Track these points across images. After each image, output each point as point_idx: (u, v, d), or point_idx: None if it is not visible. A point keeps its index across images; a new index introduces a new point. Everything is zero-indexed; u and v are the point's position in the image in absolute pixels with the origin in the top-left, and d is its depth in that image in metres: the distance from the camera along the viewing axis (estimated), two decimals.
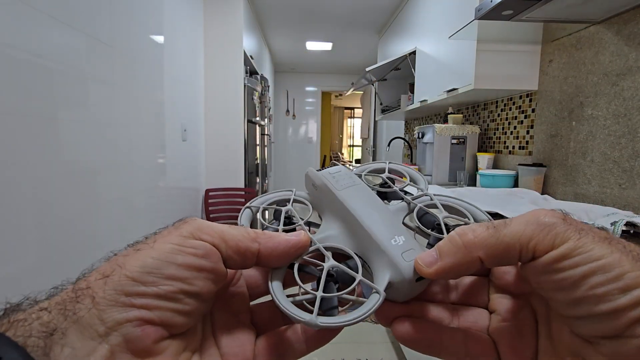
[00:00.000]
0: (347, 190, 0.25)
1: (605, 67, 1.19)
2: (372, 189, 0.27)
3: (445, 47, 1.85)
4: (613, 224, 0.85)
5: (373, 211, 0.24)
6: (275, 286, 0.20)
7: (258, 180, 3.12)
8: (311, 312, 0.19)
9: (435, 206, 0.26)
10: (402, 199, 0.27)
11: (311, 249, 0.22)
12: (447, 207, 0.26)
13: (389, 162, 0.31)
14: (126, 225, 1.41)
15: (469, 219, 0.24)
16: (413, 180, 0.30)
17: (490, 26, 1.40)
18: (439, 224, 0.23)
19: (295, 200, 0.28)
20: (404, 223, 0.25)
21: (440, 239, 0.21)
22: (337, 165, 0.29)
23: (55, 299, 0.15)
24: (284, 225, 0.25)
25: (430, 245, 0.22)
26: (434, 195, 0.27)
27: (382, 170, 0.31)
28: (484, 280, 0.22)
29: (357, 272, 0.21)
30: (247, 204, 0.26)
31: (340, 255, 0.23)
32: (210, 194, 2.56)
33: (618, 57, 1.14)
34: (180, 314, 0.16)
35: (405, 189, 0.28)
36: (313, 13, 3.25)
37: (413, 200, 0.27)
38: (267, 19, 3.47)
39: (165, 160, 1.84)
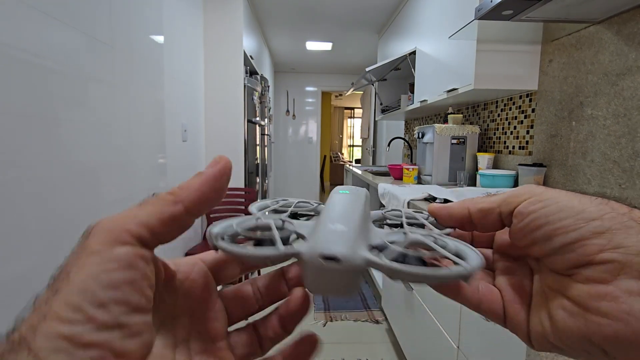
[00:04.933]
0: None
1: (605, 67, 1.19)
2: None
3: (445, 47, 1.85)
4: None
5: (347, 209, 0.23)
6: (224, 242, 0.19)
7: (258, 180, 3.12)
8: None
9: (417, 224, 0.25)
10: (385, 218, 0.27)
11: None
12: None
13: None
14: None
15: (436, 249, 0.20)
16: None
17: (490, 26, 1.40)
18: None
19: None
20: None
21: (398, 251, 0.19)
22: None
23: None
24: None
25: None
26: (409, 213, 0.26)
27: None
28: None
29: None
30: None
31: None
32: None
33: (618, 57, 1.14)
34: (131, 337, 0.15)
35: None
36: (313, 13, 3.25)
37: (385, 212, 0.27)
38: (267, 19, 3.47)
39: (166, 160, 1.84)
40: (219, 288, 0.22)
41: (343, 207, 0.22)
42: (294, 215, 0.25)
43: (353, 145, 9.19)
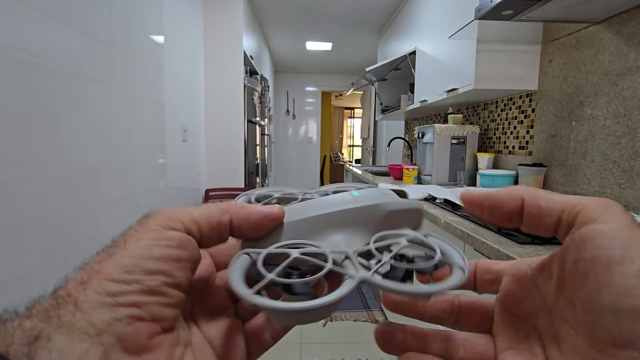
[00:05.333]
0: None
1: (605, 67, 1.19)
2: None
3: (445, 47, 1.85)
4: None
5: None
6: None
7: (258, 180, 3.12)
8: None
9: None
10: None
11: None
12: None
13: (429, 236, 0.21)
14: (128, 225, 1.41)
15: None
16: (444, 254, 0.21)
17: (490, 26, 1.40)
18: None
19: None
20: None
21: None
22: None
23: (36, 308, 0.14)
24: None
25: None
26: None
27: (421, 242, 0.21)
28: (490, 312, 0.21)
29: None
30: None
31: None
32: (211, 194, 2.56)
33: (618, 57, 1.14)
34: (168, 306, 0.16)
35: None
36: (313, 13, 3.25)
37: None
38: (267, 19, 3.47)
39: (166, 160, 1.84)
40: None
41: (303, 206, 0.22)
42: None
43: (353, 145, 9.19)
